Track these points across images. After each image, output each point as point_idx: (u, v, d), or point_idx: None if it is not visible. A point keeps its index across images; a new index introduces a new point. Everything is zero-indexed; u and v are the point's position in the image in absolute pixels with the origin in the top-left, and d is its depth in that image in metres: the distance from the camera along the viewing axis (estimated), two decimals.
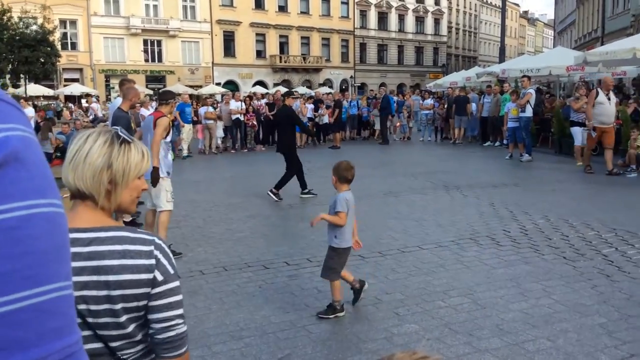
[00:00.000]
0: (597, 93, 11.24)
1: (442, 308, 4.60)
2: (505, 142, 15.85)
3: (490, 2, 78.65)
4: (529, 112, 13.74)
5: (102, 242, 1.45)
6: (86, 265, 1.43)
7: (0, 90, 0.52)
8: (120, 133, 1.55)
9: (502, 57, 25.79)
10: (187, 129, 17.01)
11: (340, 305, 4.55)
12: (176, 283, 1.54)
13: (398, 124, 21.43)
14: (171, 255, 1.55)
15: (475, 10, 75.32)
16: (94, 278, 1.43)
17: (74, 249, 1.39)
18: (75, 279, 1.28)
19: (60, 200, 0.52)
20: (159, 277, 1.49)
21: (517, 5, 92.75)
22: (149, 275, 1.47)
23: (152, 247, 1.50)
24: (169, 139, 6.49)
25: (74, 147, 1.50)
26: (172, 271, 1.53)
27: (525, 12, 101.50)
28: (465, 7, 71.98)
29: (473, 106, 18.49)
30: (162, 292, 1.50)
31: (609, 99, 11.17)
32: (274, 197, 9.34)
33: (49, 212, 0.49)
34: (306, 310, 4.64)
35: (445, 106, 19.93)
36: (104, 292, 1.43)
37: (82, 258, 1.42)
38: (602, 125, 11.11)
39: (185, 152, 16.73)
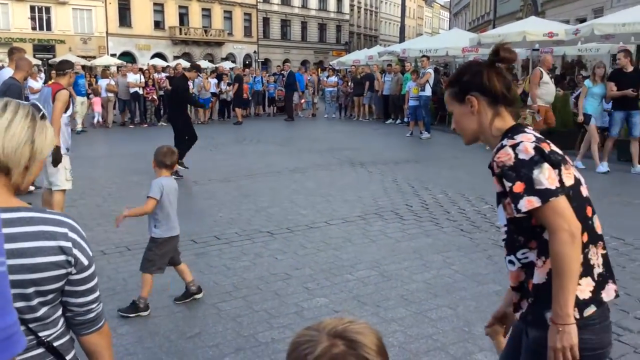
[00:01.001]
0: (542, 73, 10.61)
1: (350, 281, 4.71)
2: (406, 120, 16.37)
3: None
4: (428, 91, 14.26)
5: (12, 224, 1.35)
6: None
7: None
8: (39, 107, 1.47)
9: (402, 37, 26.51)
10: (79, 102, 16.10)
11: (144, 304, 4.12)
12: (94, 266, 1.51)
13: (303, 100, 21.51)
14: (85, 236, 1.48)
15: None
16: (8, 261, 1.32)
17: None
18: None
19: None
20: (84, 262, 1.45)
21: None
22: (66, 258, 1.41)
23: (66, 229, 1.43)
24: (68, 112, 6.11)
25: None
26: (90, 254, 1.48)
27: None
28: None
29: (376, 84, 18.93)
30: (85, 277, 1.47)
31: (551, 78, 11.00)
32: (179, 167, 9.13)
33: None
34: (215, 288, 4.59)
35: (350, 84, 20.20)
36: (16, 277, 1.33)
37: None
38: (547, 105, 10.60)
39: (79, 127, 15.86)
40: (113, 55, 41.08)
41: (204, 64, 35.81)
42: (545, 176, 1.73)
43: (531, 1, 27.19)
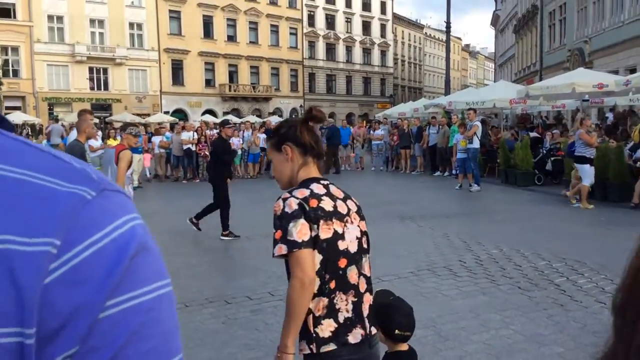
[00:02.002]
0: None
1: None
2: (454, 172, 16.30)
3: (434, 36, 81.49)
4: (476, 143, 14.22)
5: None
6: None
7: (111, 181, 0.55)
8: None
9: (447, 90, 26.67)
10: (136, 159, 16.75)
11: None
12: None
13: (352, 154, 21.76)
14: None
15: (420, 43, 77.80)
16: None
17: None
18: None
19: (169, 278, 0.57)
20: None
21: (459, 38, 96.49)
22: None
23: None
24: (129, 171, 6.41)
25: None
26: None
27: (467, 46, 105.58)
28: (410, 40, 74.27)
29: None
30: None
31: None
32: (193, 227, 9.05)
33: (169, 292, 0.54)
34: (272, 347, 4.60)
35: (397, 137, 20.29)
36: None
37: None
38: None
39: (135, 183, 16.42)
40: (166, 112, 42.75)
41: (252, 118, 36.82)
42: (297, 230, 2.04)
43: (578, 51, 27.03)
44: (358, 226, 2.28)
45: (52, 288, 0.46)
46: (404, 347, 2.49)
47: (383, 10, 63.86)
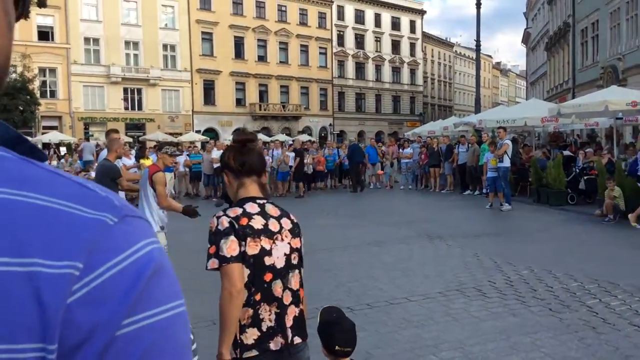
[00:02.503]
0: None
1: None
2: (485, 191, 16.13)
3: (464, 54, 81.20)
4: (506, 162, 14.07)
5: None
6: None
7: (133, 207, 0.60)
8: None
9: (477, 108, 26.48)
10: (167, 178, 17.08)
11: None
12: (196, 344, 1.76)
13: (381, 172, 21.76)
14: None
15: (450, 62, 77.59)
16: None
17: None
18: None
19: (183, 299, 0.61)
20: (195, 345, 1.66)
21: (490, 56, 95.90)
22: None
23: None
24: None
25: None
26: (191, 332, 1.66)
27: (498, 64, 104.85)
28: (439, 58, 74.13)
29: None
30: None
31: None
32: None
33: (182, 311, 0.58)
34: None
35: (426, 155, 20.21)
36: None
37: None
38: None
39: None
40: (198, 131, 43.43)
41: (281, 137, 37.13)
42: (227, 246, 2.27)
43: (611, 69, 26.59)
44: (289, 243, 2.48)
45: (74, 307, 0.50)
46: None
47: (412, 29, 64.01)
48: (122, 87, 43.32)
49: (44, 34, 40.17)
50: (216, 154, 18.05)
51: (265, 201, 2.51)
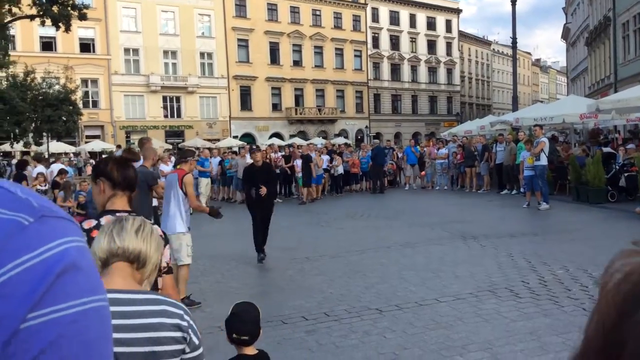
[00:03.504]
0: None
1: None
2: (522, 190, 15.82)
3: (502, 52, 79.84)
4: (543, 160, 13.77)
5: (142, 303, 1.63)
6: (126, 323, 1.59)
7: (57, 208, 0.64)
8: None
9: (515, 106, 26.01)
10: (204, 183, 17.38)
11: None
12: (202, 348, 1.73)
13: (422, 172, 21.63)
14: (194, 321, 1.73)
15: (487, 60, 76.40)
16: (134, 335, 1.59)
17: (116, 308, 1.58)
18: (116, 336, 1.48)
19: (105, 294, 0.64)
20: (196, 341, 1.67)
21: (529, 53, 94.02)
22: (182, 335, 1.64)
23: (182, 312, 1.68)
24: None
25: (135, 223, 1.78)
26: (199, 336, 1.72)
27: (537, 60, 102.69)
28: (477, 57, 73.09)
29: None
30: (195, 356, 1.68)
31: None
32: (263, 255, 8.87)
33: (99, 306, 0.60)
34: None
35: (462, 155, 19.97)
36: (142, 349, 1.58)
37: (123, 316, 1.59)
38: None
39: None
40: (235, 137, 44.00)
41: (316, 140, 37.23)
42: None
43: None
44: None
45: None
46: (249, 350, 2.73)
47: (448, 29, 63.32)
48: (162, 96, 44.25)
49: (86, 46, 41.44)
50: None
51: (127, 214, 2.58)
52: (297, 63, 51.19)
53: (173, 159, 19.54)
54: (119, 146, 28.69)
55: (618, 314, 0.42)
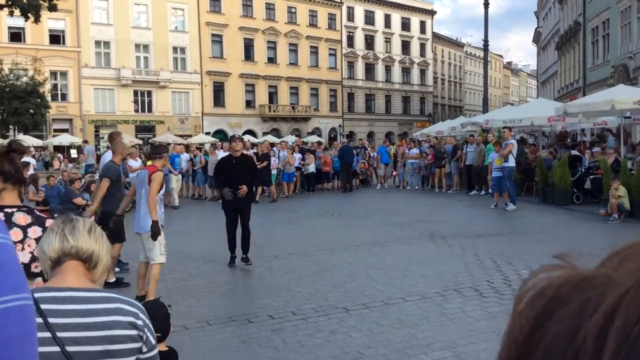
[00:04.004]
0: None
1: None
2: (490, 191, 16.05)
3: (474, 54, 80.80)
4: (511, 162, 13.99)
5: (96, 301, 1.60)
6: (81, 322, 1.55)
7: None
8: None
9: (485, 108, 26.37)
10: (175, 179, 17.21)
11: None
12: (157, 349, 1.71)
13: (394, 172, 21.78)
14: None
15: (460, 62, 77.27)
16: (89, 334, 1.56)
17: (70, 306, 1.56)
18: (69, 334, 1.49)
19: (29, 293, 0.62)
20: (152, 341, 1.65)
21: (501, 56, 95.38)
22: (138, 333, 1.62)
23: (137, 310, 1.65)
24: (162, 191, 6.60)
25: (86, 224, 1.76)
26: (155, 336, 1.70)
27: (509, 63, 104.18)
28: (450, 59, 73.85)
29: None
30: (151, 356, 1.66)
31: None
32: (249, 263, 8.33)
33: (19, 305, 0.59)
34: None
35: (432, 155, 20.18)
36: (96, 348, 1.55)
37: (78, 315, 1.55)
38: None
39: (176, 203, 16.93)
40: (207, 133, 43.65)
41: (290, 139, 37.17)
42: None
43: (622, 68, 26.34)
44: (31, 252, 2.45)
45: None
46: (160, 347, 2.68)
47: (422, 30, 63.83)
48: (132, 90, 43.64)
49: (55, 38, 40.63)
50: (221, 155, 18.05)
51: (17, 209, 2.51)
52: (271, 60, 51.01)
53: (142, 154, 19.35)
54: (85, 141, 28.22)
55: (529, 334, 0.40)
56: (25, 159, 16.53)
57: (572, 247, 9.25)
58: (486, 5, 27.64)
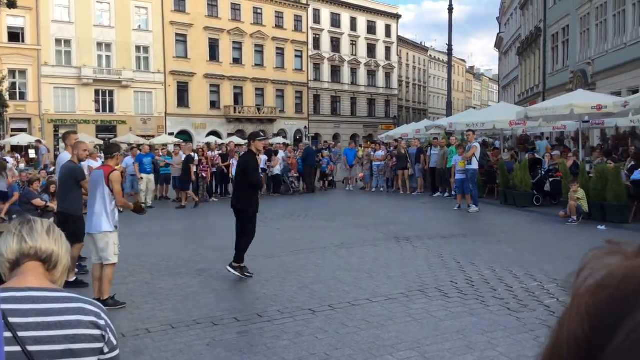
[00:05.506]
0: None
1: None
2: (453, 193, 16.27)
3: (438, 58, 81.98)
4: (475, 164, 14.22)
5: (57, 300, 1.58)
6: (42, 321, 1.53)
7: None
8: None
9: (449, 111, 26.77)
10: (146, 180, 16.99)
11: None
12: (119, 350, 1.69)
13: (361, 174, 21.89)
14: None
15: (424, 66, 78.26)
16: (50, 333, 1.54)
17: (31, 306, 1.55)
18: (30, 334, 1.49)
19: None
20: (114, 341, 1.63)
21: (464, 61, 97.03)
22: (100, 332, 1.60)
23: (99, 310, 1.64)
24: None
25: (44, 224, 1.73)
26: (116, 337, 1.68)
27: (472, 68, 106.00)
28: (414, 63, 74.72)
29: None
30: (113, 357, 1.64)
31: None
32: (235, 272, 7.55)
33: None
34: None
35: (395, 158, 20.33)
36: (59, 347, 1.53)
37: (39, 314, 1.54)
38: None
39: (149, 203, 16.71)
40: (171, 134, 43.03)
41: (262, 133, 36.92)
42: None
43: (581, 73, 27.10)
44: None
45: None
46: None
47: (388, 33, 64.40)
48: (94, 89, 42.75)
49: (14, 35, 39.51)
50: (183, 156, 17.84)
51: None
52: (237, 61, 50.68)
53: (103, 154, 18.95)
54: (38, 141, 27.52)
55: (591, 326, 0.37)
56: None
57: (533, 248, 9.46)
58: (450, 10, 28.09)
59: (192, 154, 18.05)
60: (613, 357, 0.35)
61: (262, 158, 19.28)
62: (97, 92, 43.02)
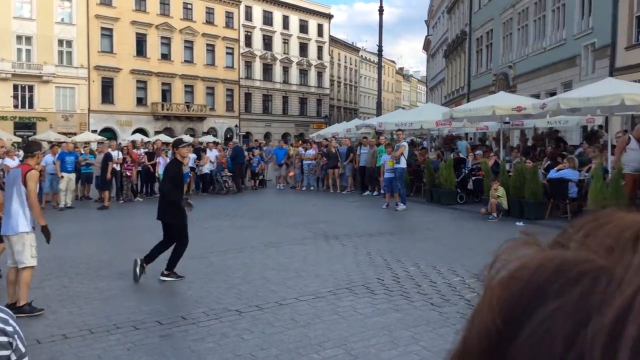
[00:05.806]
0: (630, 139, 10.97)
1: None
2: (382, 192, 16.54)
3: (369, 59, 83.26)
4: (403, 163, 14.51)
5: None
6: None
7: None
8: None
9: (379, 111, 27.22)
10: (66, 179, 16.23)
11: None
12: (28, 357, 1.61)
13: (291, 173, 21.83)
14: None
15: (356, 66, 79.28)
16: None
17: None
18: None
19: None
20: (22, 349, 1.54)
21: (394, 62, 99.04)
22: (8, 339, 1.51)
23: (7, 317, 1.54)
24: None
25: None
26: (25, 344, 1.59)
27: (401, 69, 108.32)
28: (346, 62, 75.54)
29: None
30: None
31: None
32: (170, 278, 7.35)
33: None
34: None
35: (325, 157, 20.46)
36: None
37: None
38: (635, 173, 10.79)
39: (69, 203, 16.02)
40: (94, 131, 41.36)
41: (185, 138, 36.20)
42: None
43: (503, 76, 28.25)
44: None
45: None
46: None
47: (320, 33, 64.75)
48: (12, 84, 40.59)
49: None
50: (115, 154, 17.20)
51: None
52: (165, 57, 49.47)
53: (21, 152, 17.98)
54: None
55: (503, 320, 0.36)
56: None
57: (455, 244, 9.75)
58: (380, 12, 28.57)
59: (114, 151, 17.35)
60: (521, 351, 0.34)
61: (191, 156, 18.94)
62: (15, 87, 40.87)
